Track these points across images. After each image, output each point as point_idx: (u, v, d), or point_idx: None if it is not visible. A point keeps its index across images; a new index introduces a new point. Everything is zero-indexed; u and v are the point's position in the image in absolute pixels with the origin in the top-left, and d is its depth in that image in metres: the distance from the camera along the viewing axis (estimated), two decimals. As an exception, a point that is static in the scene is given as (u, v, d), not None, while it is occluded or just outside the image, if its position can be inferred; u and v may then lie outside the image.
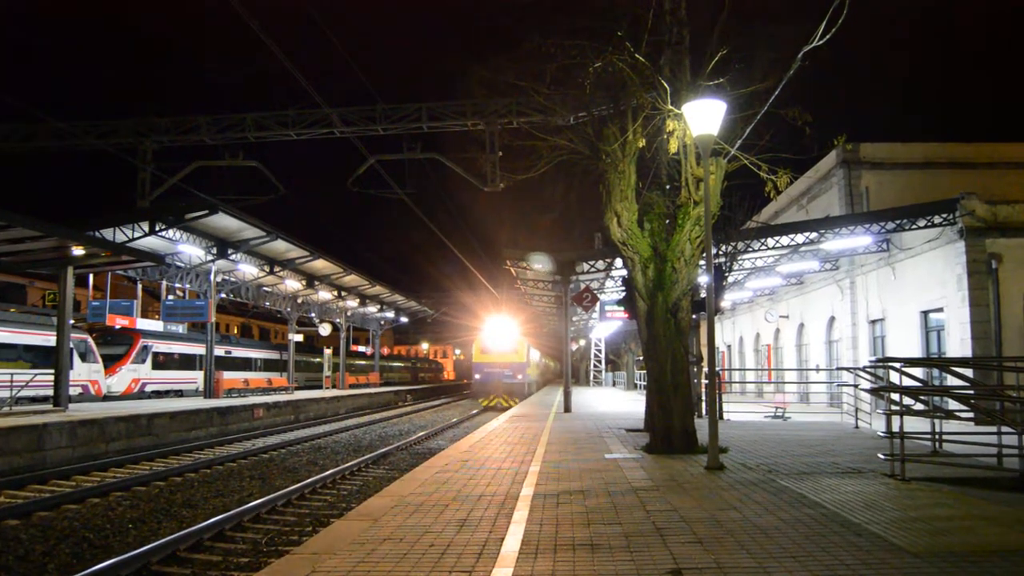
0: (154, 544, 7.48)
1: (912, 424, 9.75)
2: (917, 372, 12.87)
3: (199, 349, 30.42)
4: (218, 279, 27.32)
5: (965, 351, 15.88)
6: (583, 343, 58.78)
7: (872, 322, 21.13)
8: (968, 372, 12.48)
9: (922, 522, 5.53)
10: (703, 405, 14.91)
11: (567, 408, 19.97)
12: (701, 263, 10.42)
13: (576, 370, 59.72)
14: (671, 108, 9.47)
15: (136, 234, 20.91)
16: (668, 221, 10.55)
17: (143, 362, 28.47)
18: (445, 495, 6.91)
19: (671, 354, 9.89)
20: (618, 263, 19.94)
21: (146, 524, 9.04)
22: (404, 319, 52.28)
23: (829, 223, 18.53)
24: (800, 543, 4.95)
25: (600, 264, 21.89)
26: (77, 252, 17.21)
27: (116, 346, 27.44)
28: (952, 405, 9.77)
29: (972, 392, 9.59)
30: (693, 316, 13.83)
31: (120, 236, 20.79)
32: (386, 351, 74.57)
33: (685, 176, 9.77)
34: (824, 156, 21.83)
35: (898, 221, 17.06)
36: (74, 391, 21.78)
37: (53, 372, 18.65)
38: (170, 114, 21.75)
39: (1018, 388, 9.54)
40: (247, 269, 27.40)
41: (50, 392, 19.10)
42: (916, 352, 18.03)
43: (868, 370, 12.05)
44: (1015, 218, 16.19)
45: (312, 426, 24.58)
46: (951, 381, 9.71)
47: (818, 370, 23.72)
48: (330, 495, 11.31)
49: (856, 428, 13.58)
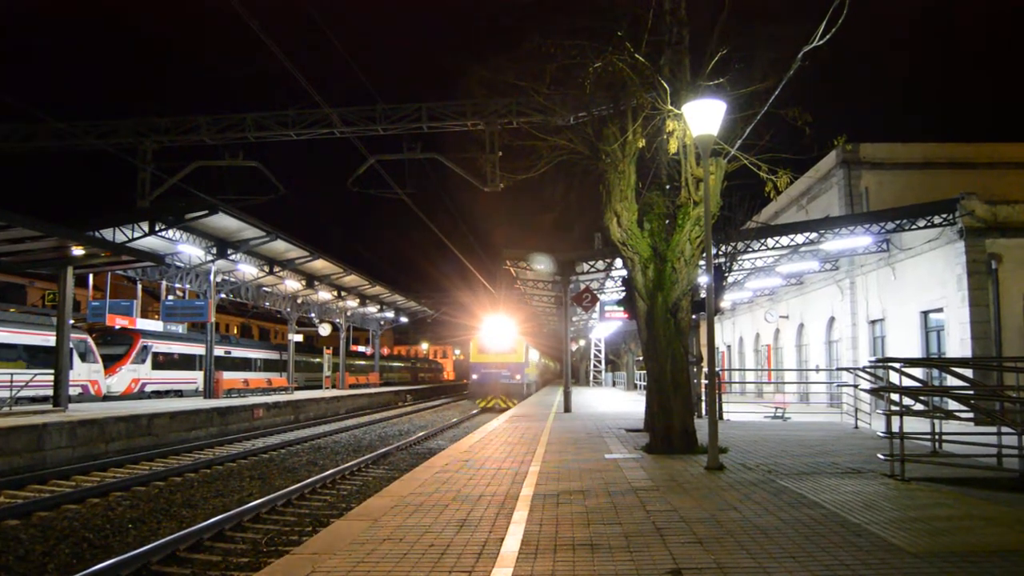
0: (154, 544, 7.49)
1: (912, 424, 9.76)
2: (917, 372, 12.90)
3: (199, 349, 30.42)
4: (218, 279, 27.31)
5: (965, 351, 15.89)
6: (583, 343, 58.79)
7: (872, 322, 21.14)
8: (968, 372, 12.46)
9: (922, 522, 5.54)
10: (703, 405, 14.91)
11: (567, 408, 19.97)
12: (701, 263, 10.43)
13: (576, 370, 59.71)
14: (671, 108, 9.48)
15: (136, 234, 20.92)
16: (668, 221, 10.56)
17: (143, 362, 28.47)
18: (445, 495, 6.91)
19: (671, 354, 9.90)
20: (618, 263, 19.94)
21: (146, 524, 9.04)
22: (404, 319, 52.29)
23: (829, 223, 18.54)
24: (800, 543, 4.95)
25: (600, 264, 21.91)
26: (77, 252, 17.21)
27: (116, 346, 27.44)
28: (952, 405, 9.76)
29: (972, 392, 9.57)
30: (693, 316, 13.83)
31: (120, 236, 20.81)
32: (386, 351, 74.55)
33: (685, 176, 9.77)
34: (824, 156, 21.83)
35: (898, 221, 17.07)
36: (74, 391, 21.79)
37: (53, 372, 18.66)
38: (170, 114, 21.84)
39: (1018, 388, 9.55)
40: (247, 269, 27.41)
41: (50, 392, 19.10)
42: (916, 352, 18.04)
43: (868, 370, 12.04)
44: (1015, 218, 16.20)
45: (312, 426, 24.59)
46: (951, 381, 9.71)
47: (818, 370, 23.72)
48: (330, 495, 11.31)
49: (856, 428, 13.57)
